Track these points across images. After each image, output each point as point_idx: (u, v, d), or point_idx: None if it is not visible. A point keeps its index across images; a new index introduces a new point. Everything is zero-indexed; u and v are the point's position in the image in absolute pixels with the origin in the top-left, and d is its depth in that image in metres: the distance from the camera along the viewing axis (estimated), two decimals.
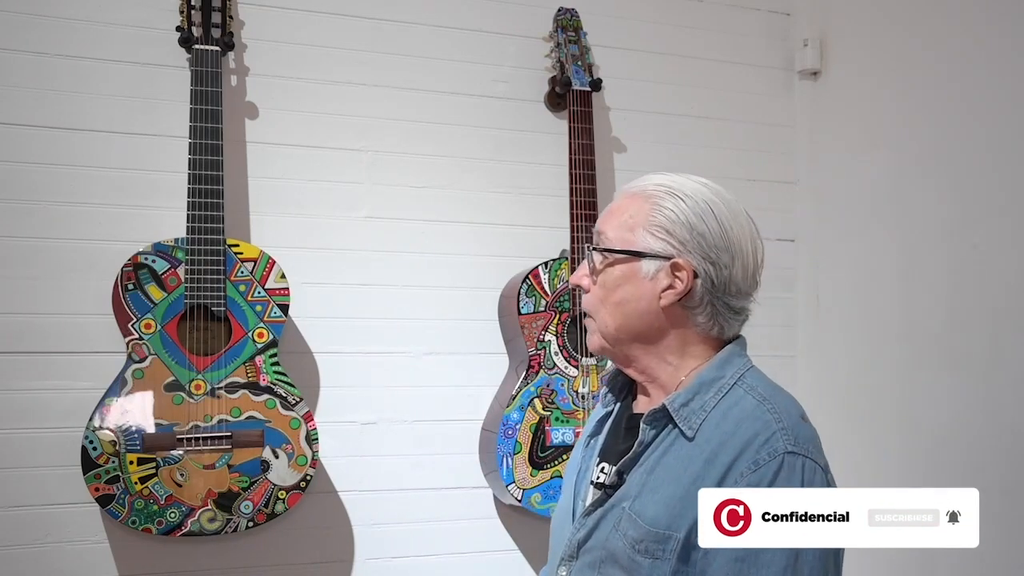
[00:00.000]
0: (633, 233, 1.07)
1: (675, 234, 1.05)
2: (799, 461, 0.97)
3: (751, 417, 1.00)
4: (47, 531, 1.80)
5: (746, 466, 0.97)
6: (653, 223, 1.06)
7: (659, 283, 1.06)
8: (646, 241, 1.06)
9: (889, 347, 2.12)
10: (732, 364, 1.08)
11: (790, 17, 2.46)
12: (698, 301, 1.06)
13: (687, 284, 1.04)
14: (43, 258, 1.82)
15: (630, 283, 1.07)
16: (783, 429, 0.98)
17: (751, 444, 0.98)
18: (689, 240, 1.04)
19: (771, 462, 0.96)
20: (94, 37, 1.88)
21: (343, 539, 2.01)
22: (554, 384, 1.97)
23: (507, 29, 2.19)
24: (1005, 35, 1.85)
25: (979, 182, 1.89)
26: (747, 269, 1.07)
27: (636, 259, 1.07)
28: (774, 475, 0.96)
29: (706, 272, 1.04)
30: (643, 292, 1.07)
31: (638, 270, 1.07)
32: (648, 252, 1.06)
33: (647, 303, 1.07)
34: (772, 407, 1.01)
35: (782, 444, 0.97)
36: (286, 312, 1.82)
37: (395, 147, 2.09)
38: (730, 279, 1.05)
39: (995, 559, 1.81)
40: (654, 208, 1.06)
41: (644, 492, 1.03)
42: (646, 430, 1.06)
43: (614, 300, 1.09)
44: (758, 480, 0.96)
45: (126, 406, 1.69)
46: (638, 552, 1.01)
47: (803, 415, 1.04)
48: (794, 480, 0.96)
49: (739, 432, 0.99)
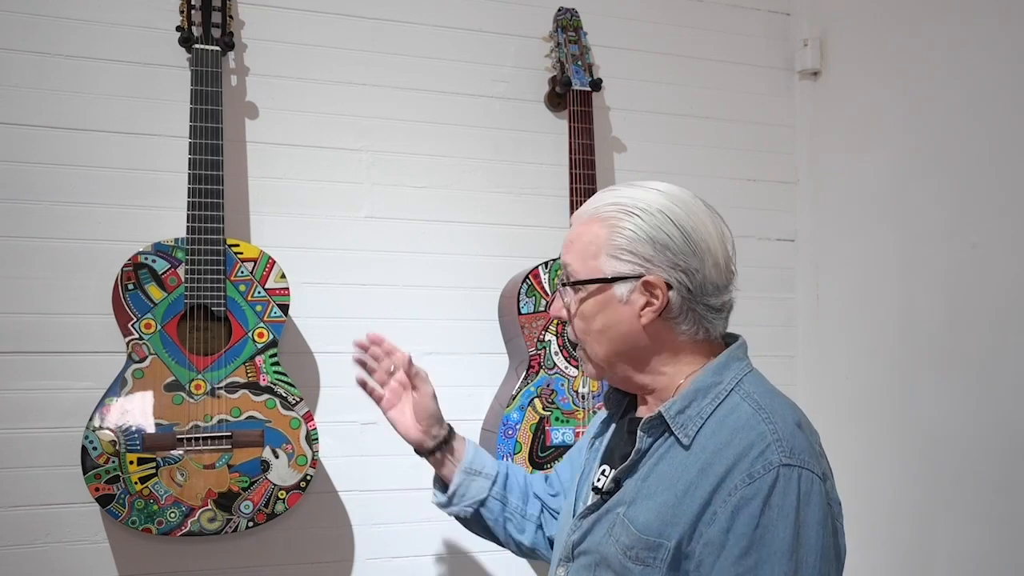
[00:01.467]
0: (597, 260, 1.06)
1: (639, 252, 1.04)
2: (795, 473, 0.95)
3: (746, 427, 0.99)
4: (47, 531, 1.80)
5: (740, 479, 0.96)
6: (615, 246, 1.05)
7: (635, 304, 1.05)
8: (612, 266, 1.05)
9: (889, 347, 2.12)
10: (730, 368, 1.06)
11: (790, 17, 2.46)
12: (678, 311, 1.05)
13: (663, 299, 1.04)
14: (43, 258, 1.82)
15: (607, 310, 1.07)
16: (778, 440, 0.97)
17: (745, 456, 0.97)
18: (654, 255, 1.03)
19: (766, 475, 0.95)
20: (94, 37, 1.88)
21: (343, 539, 2.01)
22: (554, 384, 1.97)
23: (507, 29, 2.19)
24: (1005, 35, 1.85)
25: (979, 182, 1.90)
26: (719, 265, 1.06)
27: (607, 285, 1.06)
28: (770, 488, 0.94)
29: (679, 281, 1.03)
30: (622, 316, 1.06)
31: (612, 296, 1.06)
32: (617, 276, 1.05)
33: (628, 325, 1.06)
34: (768, 416, 1.00)
35: (777, 457, 0.96)
36: (286, 312, 1.82)
37: (395, 147, 2.09)
38: (704, 280, 1.04)
39: (995, 559, 1.81)
40: (612, 230, 1.06)
41: (638, 499, 1.03)
42: (643, 438, 1.06)
43: (596, 329, 1.09)
44: (753, 493, 0.94)
45: (126, 406, 1.69)
46: (629, 559, 1.01)
47: (799, 423, 1.02)
48: (790, 493, 0.94)
49: (734, 442, 0.98)
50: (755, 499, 0.94)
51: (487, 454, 1.35)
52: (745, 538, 0.94)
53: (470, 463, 1.31)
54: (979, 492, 1.86)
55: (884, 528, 2.09)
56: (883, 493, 2.10)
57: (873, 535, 2.09)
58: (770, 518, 0.94)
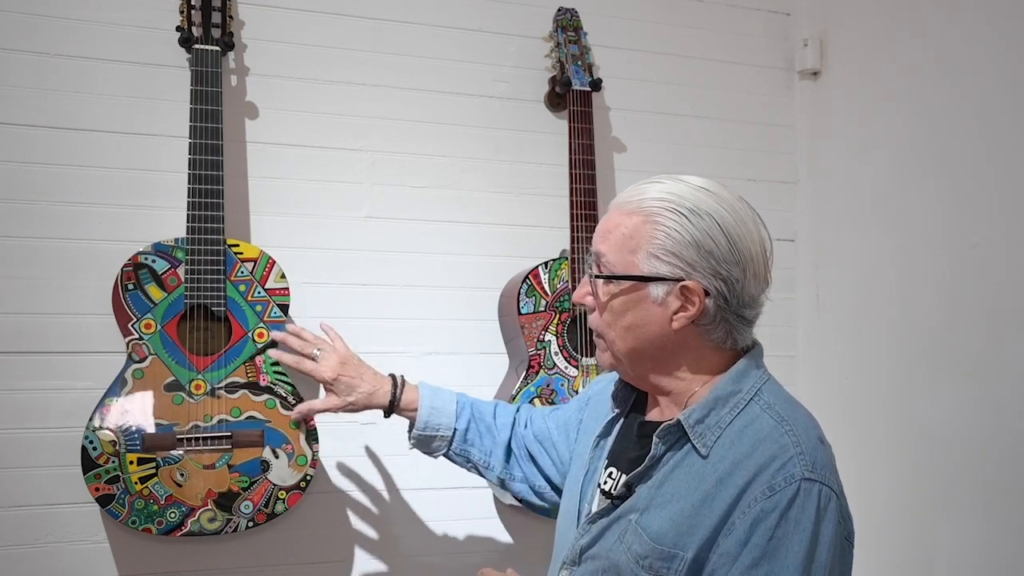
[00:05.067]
0: (636, 256, 1.01)
1: (682, 255, 0.99)
2: (815, 488, 0.94)
3: (768, 439, 0.97)
4: (47, 531, 1.80)
5: (760, 491, 0.94)
6: (657, 245, 1.00)
7: (669, 306, 1.01)
8: (651, 265, 1.01)
9: (888, 347, 2.12)
10: (749, 377, 1.04)
11: (790, 17, 2.46)
12: (711, 319, 1.02)
13: (699, 306, 1.00)
14: (43, 258, 1.82)
15: (639, 308, 1.03)
16: (800, 454, 0.95)
17: (767, 468, 0.95)
18: (698, 260, 0.99)
19: (787, 488, 0.93)
20: (94, 37, 1.88)
21: (343, 539, 2.01)
22: (554, 384, 1.97)
23: (507, 29, 2.19)
24: (1005, 35, 1.85)
25: (978, 182, 1.90)
26: (758, 275, 1.02)
27: (643, 284, 1.02)
28: (789, 502, 0.93)
29: (718, 290, 1.00)
30: (653, 316, 1.02)
31: (646, 295, 1.02)
32: (655, 276, 1.00)
33: (658, 327, 1.03)
34: (790, 429, 0.98)
35: (799, 470, 0.94)
36: (286, 312, 1.82)
37: (395, 147, 2.09)
38: (743, 291, 1.01)
39: (995, 559, 1.81)
40: (656, 228, 1.00)
41: (652, 506, 1.01)
42: (658, 444, 1.03)
43: (623, 325, 1.05)
44: (773, 506, 0.93)
45: (126, 406, 1.69)
46: (643, 568, 0.99)
47: (821, 437, 1.00)
48: (809, 507, 0.93)
49: (755, 454, 0.96)
50: (774, 512, 0.92)
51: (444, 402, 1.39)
52: (759, 548, 0.92)
53: (424, 426, 1.37)
54: (978, 492, 1.86)
55: (883, 528, 2.09)
56: (882, 492, 2.10)
57: (872, 535, 2.09)
58: (786, 531, 0.92)
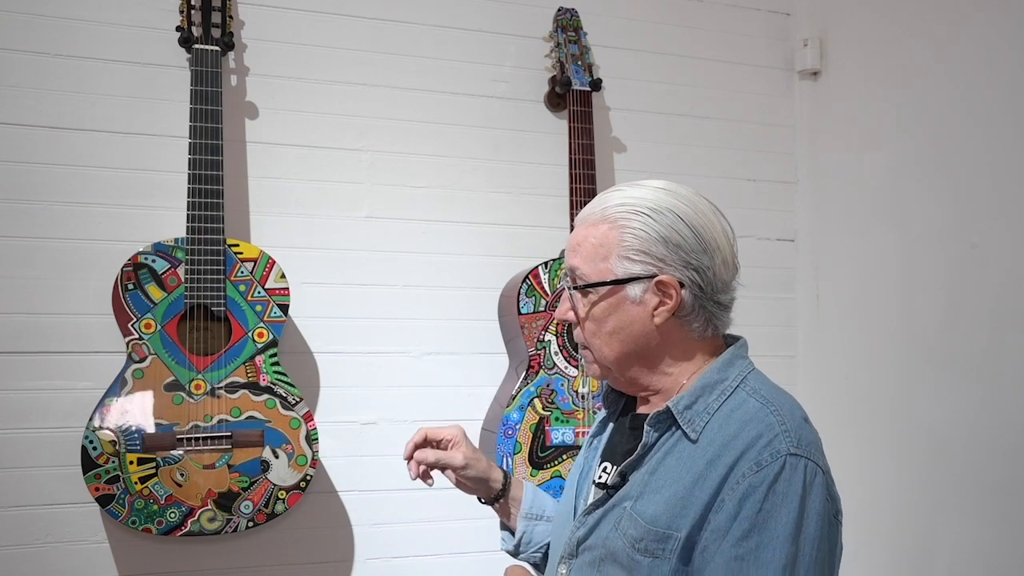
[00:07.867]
0: (608, 262, 1.06)
1: (652, 252, 1.04)
2: (801, 463, 0.96)
3: (754, 419, 1.00)
4: (47, 531, 1.80)
5: (748, 467, 0.97)
6: (627, 247, 1.05)
7: (648, 304, 1.05)
8: (624, 267, 1.05)
9: (889, 347, 2.12)
10: (735, 366, 1.08)
11: (790, 17, 2.46)
12: (690, 309, 1.06)
13: (676, 298, 1.04)
14: (43, 258, 1.82)
15: (619, 311, 1.07)
16: (786, 431, 0.98)
17: (754, 445, 0.98)
18: (667, 255, 1.04)
19: (773, 463, 0.96)
20: (94, 37, 1.88)
21: (343, 539, 2.01)
22: (554, 384, 1.97)
23: (507, 29, 2.19)
24: (1005, 35, 1.85)
25: (978, 182, 1.90)
26: (727, 262, 1.07)
27: (619, 287, 1.06)
28: (776, 476, 0.95)
29: (692, 280, 1.04)
30: (635, 316, 1.06)
31: (624, 297, 1.06)
32: (630, 277, 1.05)
33: (641, 325, 1.07)
34: (775, 409, 1.01)
35: (784, 446, 0.97)
36: (286, 312, 1.82)
37: (395, 147, 2.09)
38: (715, 277, 1.05)
39: (995, 559, 1.81)
40: (623, 232, 1.05)
41: (646, 492, 1.03)
42: (649, 432, 1.06)
43: (607, 330, 1.09)
44: (760, 480, 0.95)
45: (126, 406, 1.69)
46: (638, 551, 1.01)
47: (806, 417, 1.04)
48: (796, 481, 0.95)
49: (742, 434, 0.99)
50: (761, 486, 0.95)
51: (545, 496, 1.33)
52: (748, 520, 0.95)
53: (529, 508, 1.30)
54: (979, 491, 1.86)
55: (884, 528, 2.09)
56: (883, 492, 2.10)
57: (873, 535, 2.09)
58: (774, 503, 0.95)
